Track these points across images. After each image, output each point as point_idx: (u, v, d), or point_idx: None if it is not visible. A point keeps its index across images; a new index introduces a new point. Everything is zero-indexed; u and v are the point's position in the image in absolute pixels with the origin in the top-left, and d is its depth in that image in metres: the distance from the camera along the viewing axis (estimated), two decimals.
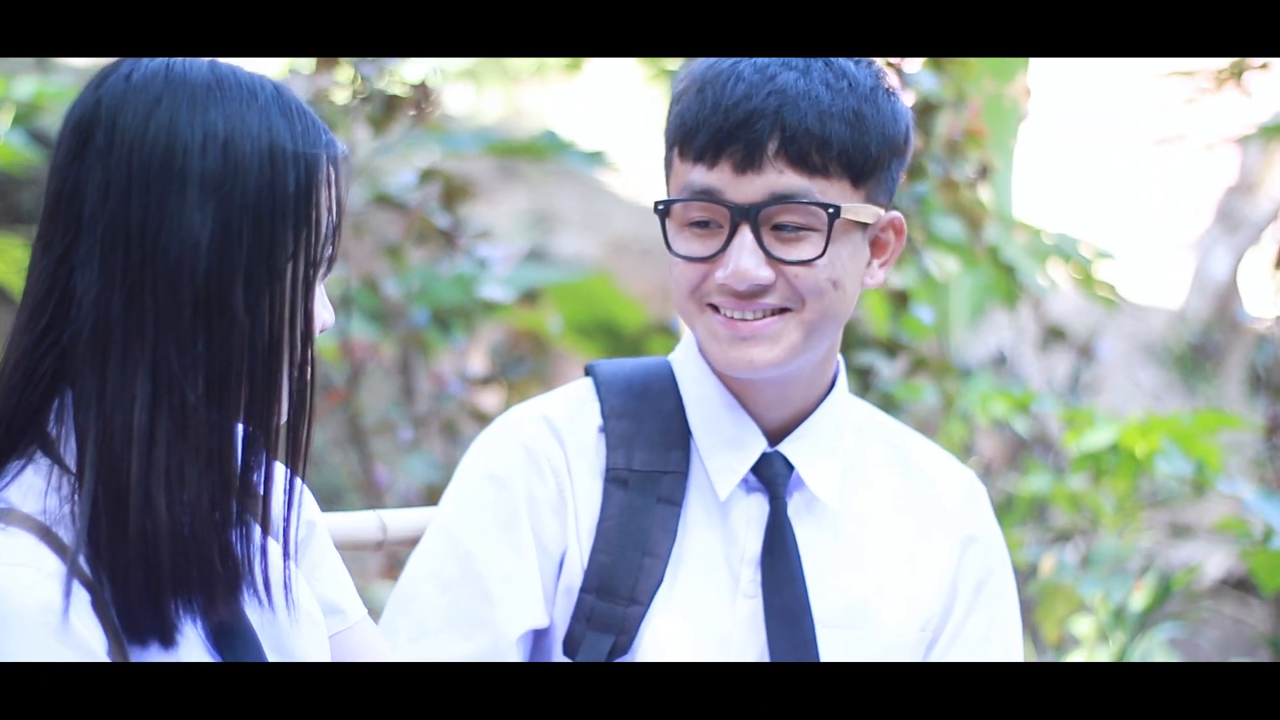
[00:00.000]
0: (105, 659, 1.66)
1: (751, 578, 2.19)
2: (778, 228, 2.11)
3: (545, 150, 5.06)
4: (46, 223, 1.73)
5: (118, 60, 1.77)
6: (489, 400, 4.57)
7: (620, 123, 10.18)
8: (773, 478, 2.21)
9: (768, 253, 2.10)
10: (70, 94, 4.18)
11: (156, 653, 1.69)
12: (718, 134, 2.09)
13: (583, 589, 2.17)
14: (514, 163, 7.99)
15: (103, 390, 1.68)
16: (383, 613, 2.22)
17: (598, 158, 5.13)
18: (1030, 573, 4.20)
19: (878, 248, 2.19)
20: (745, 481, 2.22)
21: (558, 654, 2.18)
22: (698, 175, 2.11)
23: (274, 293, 1.72)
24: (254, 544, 1.76)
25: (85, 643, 1.65)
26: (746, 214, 2.10)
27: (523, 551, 2.18)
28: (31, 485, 1.71)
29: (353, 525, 2.31)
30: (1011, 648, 2.28)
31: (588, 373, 2.29)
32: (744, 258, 2.10)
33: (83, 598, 1.66)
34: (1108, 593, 4.08)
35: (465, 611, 2.17)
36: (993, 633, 2.27)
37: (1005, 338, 6.09)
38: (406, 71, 4.16)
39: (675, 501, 2.19)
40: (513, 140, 5.43)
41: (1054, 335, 5.60)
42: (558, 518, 2.19)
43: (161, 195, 1.69)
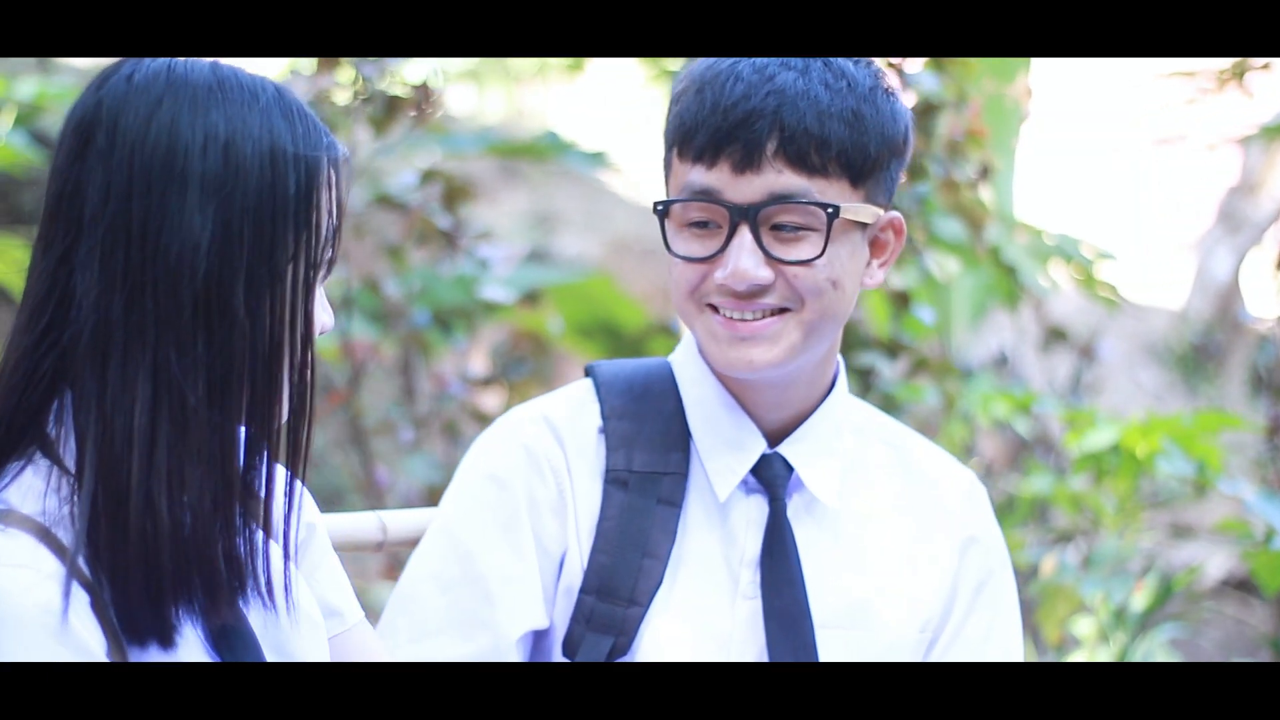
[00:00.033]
0: (104, 660, 1.66)
1: (751, 579, 2.19)
2: (777, 228, 2.11)
3: (546, 151, 5.06)
4: (47, 223, 1.73)
5: (119, 61, 1.77)
6: (490, 401, 4.57)
7: (622, 123, 10.18)
8: (772, 479, 2.21)
9: (767, 253, 2.10)
10: (72, 94, 4.18)
11: (156, 654, 1.69)
12: (716, 134, 2.09)
13: (582, 590, 2.17)
14: (515, 163, 7.99)
15: (103, 391, 1.68)
16: (383, 613, 2.22)
17: (599, 158, 5.13)
18: (1031, 573, 4.20)
19: (877, 248, 2.19)
20: (745, 483, 2.22)
21: (557, 655, 2.18)
22: (697, 175, 2.11)
23: (274, 294, 1.72)
24: (256, 545, 1.76)
25: (84, 644, 1.65)
26: (745, 214, 2.09)
27: (523, 552, 2.18)
28: (31, 486, 1.71)
29: (353, 526, 2.31)
30: (1012, 648, 2.28)
31: (588, 373, 2.29)
32: (743, 258, 2.10)
33: (82, 599, 1.66)
34: (1109, 593, 4.08)
35: (465, 612, 2.17)
36: (993, 633, 2.27)
37: (1006, 338, 6.08)
38: (408, 72, 4.16)
39: (675, 503, 2.19)
40: (514, 141, 5.42)
41: (1055, 336, 5.60)
42: (558, 518, 2.19)
43: (162, 196, 1.69)
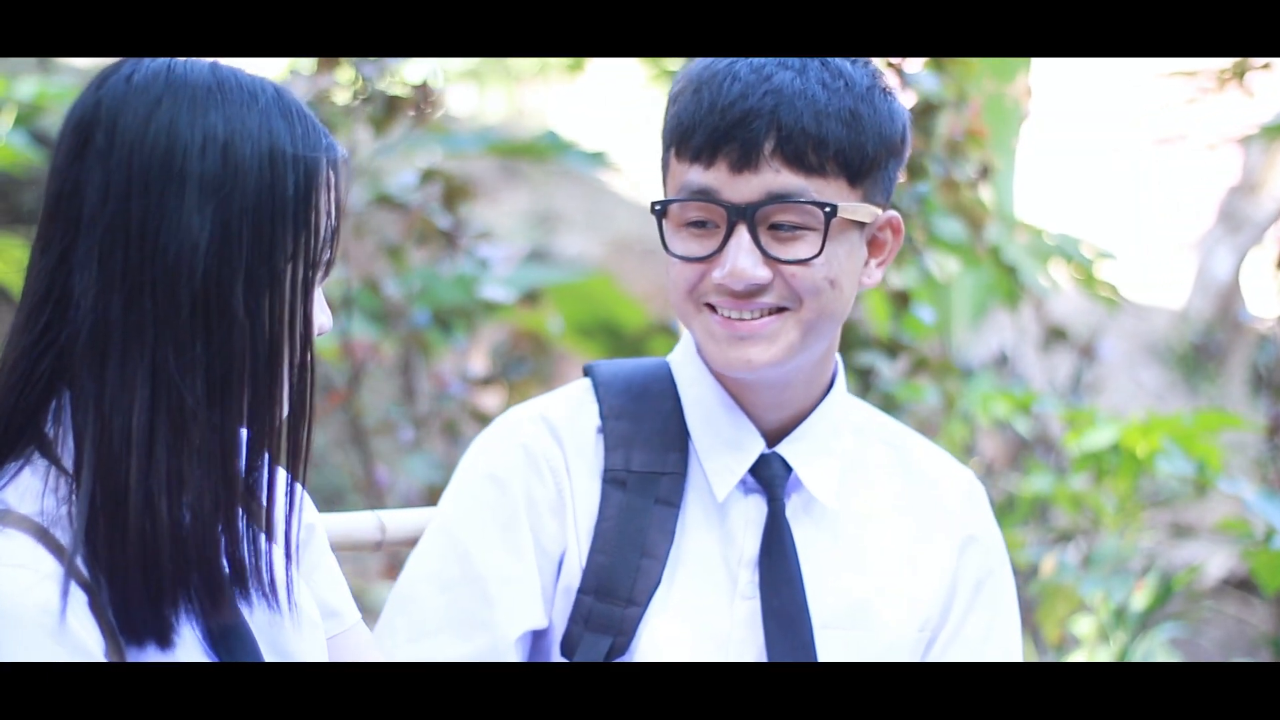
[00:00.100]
0: (102, 660, 1.66)
1: (749, 579, 2.19)
2: (775, 227, 2.10)
3: (547, 150, 5.06)
4: (46, 223, 1.73)
5: (119, 61, 1.77)
6: (490, 401, 4.57)
7: (622, 123, 10.17)
8: (771, 479, 2.21)
9: (765, 252, 2.10)
10: (72, 94, 4.18)
11: (153, 654, 1.69)
12: (714, 134, 2.09)
13: (581, 590, 2.16)
14: (516, 163, 7.99)
15: (101, 391, 1.68)
16: (382, 613, 2.22)
17: (599, 158, 5.13)
18: (1031, 573, 4.20)
19: (875, 247, 2.19)
20: (743, 483, 2.21)
21: (556, 655, 2.18)
22: (694, 175, 2.11)
23: (273, 295, 1.72)
24: (258, 546, 1.76)
25: (82, 644, 1.65)
26: (743, 213, 2.09)
27: (522, 552, 2.18)
28: (29, 486, 1.71)
29: (351, 526, 2.31)
30: (1011, 648, 2.28)
31: (586, 373, 2.29)
32: (741, 257, 2.09)
33: (80, 599, 1.66)
34: (1109, 593, 4.08)
35: (464, 612, 2.17)
36: (992, 632, 2.27)
37: (1007, 338, 6.08)
38: (408, 72, 4.16)
39: (673, 503, 2.19)
40: (514, 140, 5.42)
41: (1055, 335, 5.60)
42: (556, 518, 2.19)
43: (161, 197, 1.69)
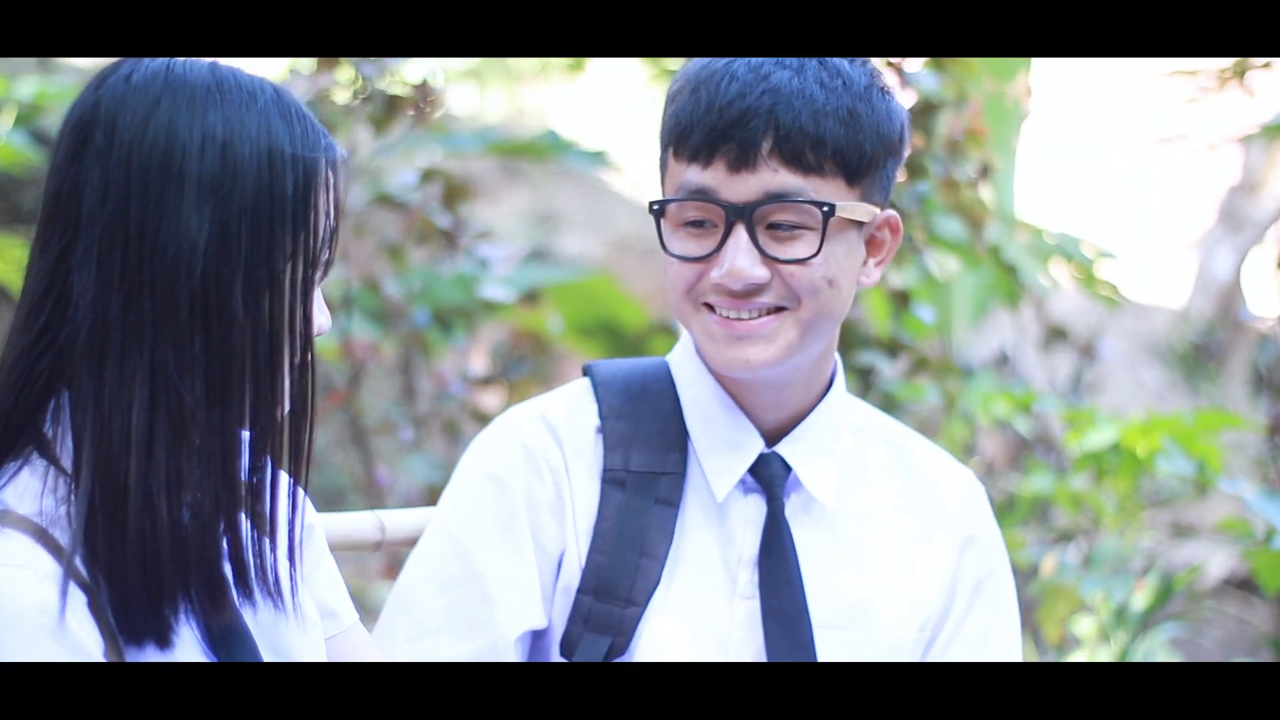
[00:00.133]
0: (101, 660, 1.66)
1: (749, 579, 2.19)
2: (773, 226, 2.10)
3: (547, 150, 5.06)
4: (45, 223, 1.73)
5: (118, 61, 1.77)
6: (490, 400, 4.57)
7: (622, 123, 10.17)
8: (770, 479, 2.20)
9: (763, 251, 2.10)
10: (71, 94, 4.17)
11: (152, 654, 1.69)
12: (712, 133, 2.09)
13: (580, 590, 2.16)
14: (516, 162, 7.99)
15: (100, 391, 1.68)
16: (381, 612, 2.22)
17: (600, 158, 5.13)
18: (1032, 573, 4.20)
19: (873, 246, 2.19)
20: (743, 482, 2.21)
21: (555, 654, 2.18)
22: (692, 175, 2.11)
23: (272, 295, 1.72)
24: (261, 546, 1.76)
25: (81, 644, 1.65)
26: (741, 213, 2.09)
27: (521, 552, 2.18)
28: (28, 486, 1.71)
29: (351, 526, 2.31)
30: (1011, 647, 2.28)
31: (586, 373, 2.29)
32: (739, 257, 2.09)
33: (79, 599, 1.66)
34: (1109, 593, 4.08)
35: (464, 612, 2.17)
36: (992, 632, 2.27)
37: (1007, 337, 6.08)
38: (408, 71, 4.16)
39: (672, 503, 2.19)
40: (515, 140, 5.42)
41: (1056, 335, 5.60)
42: (556, 518, 2.19)
43: (160, 196, 1.69)
